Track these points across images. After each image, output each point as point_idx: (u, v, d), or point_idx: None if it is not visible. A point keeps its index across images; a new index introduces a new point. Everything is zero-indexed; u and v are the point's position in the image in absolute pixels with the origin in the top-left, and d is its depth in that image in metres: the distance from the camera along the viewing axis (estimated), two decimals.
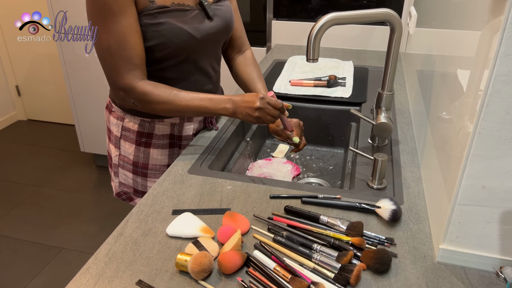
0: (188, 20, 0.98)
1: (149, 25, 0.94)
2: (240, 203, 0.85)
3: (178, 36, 0.97)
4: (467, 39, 0.74)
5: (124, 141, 1.12)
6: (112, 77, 0.96)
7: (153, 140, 1.11)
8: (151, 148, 1.11)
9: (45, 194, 2.53)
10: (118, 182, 1.18)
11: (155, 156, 1.12)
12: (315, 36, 0.89)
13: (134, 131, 1.10)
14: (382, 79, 1.03)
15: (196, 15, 1.00)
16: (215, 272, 0.68)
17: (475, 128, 0.60)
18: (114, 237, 0.76)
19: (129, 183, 1.16)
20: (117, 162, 1.15)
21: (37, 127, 3.38)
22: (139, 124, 1.09)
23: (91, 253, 0.72)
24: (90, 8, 0.91)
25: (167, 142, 1.12)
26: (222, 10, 1.07)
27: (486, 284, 0.67)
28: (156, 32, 0.95)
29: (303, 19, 1.99)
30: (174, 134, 1.12)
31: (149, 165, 1.12)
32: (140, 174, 1.14)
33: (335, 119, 1.36)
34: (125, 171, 1.15)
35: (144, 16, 0.94)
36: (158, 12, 0.94)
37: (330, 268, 0.68)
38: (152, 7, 0.93)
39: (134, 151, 1.11)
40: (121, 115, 1.10)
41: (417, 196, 0.87)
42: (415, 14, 1.53)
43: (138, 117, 1.09)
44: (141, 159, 1.12)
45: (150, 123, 1.09)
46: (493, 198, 0.64)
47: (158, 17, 0.94)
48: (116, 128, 1.12)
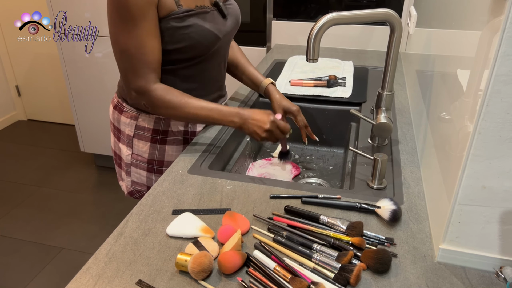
0: (211, 21, 1.02)
1: (177, 28, 0.97)
2: (240, 203, 0.85)
3: (205, 37, 1.01)
4: (467, 39, 0.74)
5: (138, 140, 1.14)
6: (128, 78, 0.99)
7: (168, 137, 1.13)
8: (167, 145, 1.14)
9: (45, 194, 2.53)
10: (131, 181, 1.19)
11: (170, 153, 1.14)
12: (315, 36, 0.89)
13: (149, 129, 1.12)
14: (382, 79, 1.03)
15: (215, 15, 1.04)
16: (215, 272, 0.68)
17: (475, 128, 0.60)
18: (114, 237, 0.76)
19: (142, 181, 1.18)
20: (130, 161, 1.17)
21: (37, 127, 3.38)
22: (155, 122, 1.11)
23: (91, 253, 0.72)
24: (111, 10, 0.93)
25: (181, 138, 1.15)
26: (232, 8, 1.12)
27: (486, 284, 0.67)
28: (185, 34, 0.98)
29: (303, 19, 1.99)
30: (188, 130, 1.15)
31: (164, 162, 1.15)
32: (155, 172, 1.16)
33: (335, 119, 1.36)
34: (138, 170, 1.17)
35: (172, 20, 0.96)
36: (186, 16, 0.97)
37: (330, 268, 0.68)
38: (180, 11, 0.96)
39: (149, 149, 1.13)
40: (135, 115, 1.12)
41: (417, 196, 0.87)
42: (415, 14, 1.53)
43: (153, 115, 1.11)
44: (157, 156, 1.14)
45: (165, 120, 1.12)
46: (493, 198, 0.64)
47: (186, 20, 0.97)
48: (128, 128, 1.14)
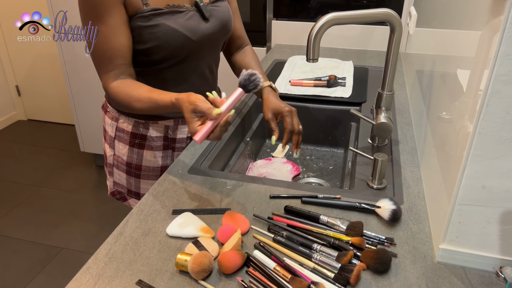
0: (183, 22, 0.97)
1: (144, 27, 0.94)
2: (240, 203, 0.85)
3: (173, 38, 0.96)
4: (467, 39, 0.74)
5: (118, 141, 1.11)
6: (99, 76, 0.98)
7: (146, 142, 1.09)
8: (145, 150, 1.10)
9: (45, 194, 2.53)
10: (113, 181, 1.18)
11: (148, 158, 1.11)
12: (315, 36, 0.89)
13: (128, 132, 1.09)
14: (382, 79, 1.03)
15: (192, 16, 0.98)
16: (215, 272, 0.68)
17: (475, 128, 0.60)
18: (114, 237, 0.76)
19: (123, 183, 1.16)
20: (112, 162, 1.15)
21: (37, 127, 3.38)
22: (133, 125, 1.08)
23: (91, 253, 0.72)
24: (80, 7, 0.92)
25: (161, 144, 1.11)
26: (219, 10, 1.05)
27: (486, 284, 0.67)
28: (152, 34, 0.94)
29: (303, 19, 1.99)
30: (168, 137, 1.11)
31: (142, 167, 1.11)
32: (133, 175, 1.13)
33: (335, 119, 1.36)
34: (119, 171, 1.14)
35: (138, 19, 0.93)
36: (152, 15, 0.93)
37: (330, 268, 0.68)
38: (146, 10, 0.92)
39: (128, 152, 1.10)
40: (116, 116, 1.10)
41: (417, 196, 0.87)
42: (415, 14, 1.53)
43: (132, 118, 1.08)
44: (135, 160, 1.11)
45: (144, 124, 1.08)
46: (493, 198, 0.64)
47: (153, 20, 0.93)
48: (110, 128, 1.12)
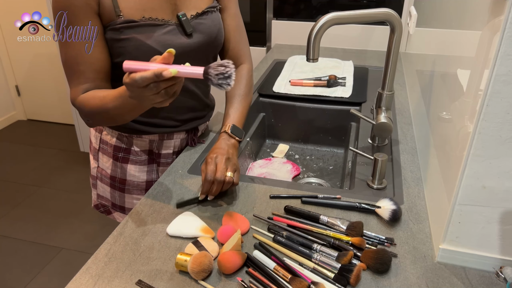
0: (158, 36, 0.88)
1: (114, 40, 0.87)
2: (240, 203, 0.85)
3: (144, 53, 0.85)
4: (467, 39, 0.74)
5: (102, 154, 1.06)
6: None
7: (130, 156, 1.04)
8: (129, 164, 1.04)
9: (45, 194, 2.53)
10: (97, 194, 1.12)
11: (132, 173, 1.05)
12: (315, 36, 0.89)
13: (111, 145, 1.04)
14: (382, 79, 1.03)
15: (170, 30, 0.90)
16: (215, 272, 0.68)
17: (475, 128, 0.60)
18: (114, 237, 0.76)
19: (107, 196, 1.10)
20: (95, 174, 1.10)
21: (37, 127, 3.38)
22: (117, 138, 1.03)
23: (91, 253, 0.72)
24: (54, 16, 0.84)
25: (146, 158, 1.05)
26: (205, 24, 0.96)
27: (486, 284, 0.67)
28: (121, 48, 0.87)
29: (303, 19, 1.99)
30: (153, 151, 1.05)
31: (127, 181, 1.05)
32: (117, 189, 1.07)
33: (335, 119, 1.36)
34: (103, 184, 1.09)
35: (110, 31, 0.86)
36: (123, 27, 0.85)
37: (330, 268, 0.68)
38: (117, 22, 0.85)
39: (111, 165, 1.05)
40: (100, 127, 1.05)
41: (417, 196, 0.87)
42: (415, 14, 1.53)
43: (116, 131, 1.03)
44: (119, 174, 1.05)
45: (128, 138, 1.03)
46: (493, 198, 0.64)
47: (124, 33, 0.86)
48: (94, 140, 1.08)
